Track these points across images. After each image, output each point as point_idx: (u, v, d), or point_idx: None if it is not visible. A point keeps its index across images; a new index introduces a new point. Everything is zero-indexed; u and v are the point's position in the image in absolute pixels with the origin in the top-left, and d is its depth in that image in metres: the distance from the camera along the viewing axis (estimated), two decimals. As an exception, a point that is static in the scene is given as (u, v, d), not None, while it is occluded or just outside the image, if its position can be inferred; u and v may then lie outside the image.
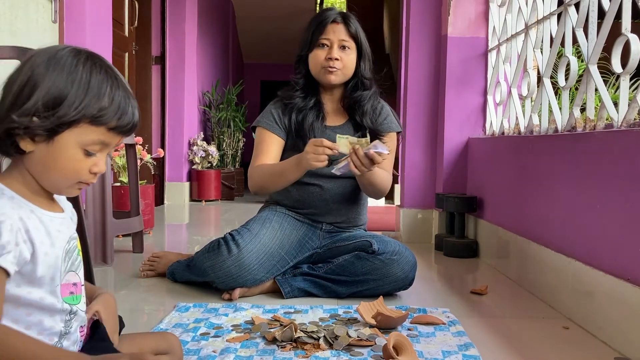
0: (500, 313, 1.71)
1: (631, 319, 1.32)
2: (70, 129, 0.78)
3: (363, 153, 1.62)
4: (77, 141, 0.79)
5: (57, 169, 0.80)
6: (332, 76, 1.86)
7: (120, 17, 3.78)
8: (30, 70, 0.79)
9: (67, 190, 0.84)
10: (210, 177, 4.97)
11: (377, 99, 1.95)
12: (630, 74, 1.54)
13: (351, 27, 1.87)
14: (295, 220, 1.90)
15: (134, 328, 1.49)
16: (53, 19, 2.52)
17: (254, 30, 7.80)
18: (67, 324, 0.85)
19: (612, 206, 1.45)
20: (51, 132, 0.78)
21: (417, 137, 2.96)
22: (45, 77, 0.78)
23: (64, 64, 0.79)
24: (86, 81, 0.79)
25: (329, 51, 1.85)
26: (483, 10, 2.78)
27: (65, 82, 0.78)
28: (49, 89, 0.77)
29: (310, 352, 1.27)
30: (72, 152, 0.79)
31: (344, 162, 1.66)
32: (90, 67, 0.81)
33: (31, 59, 0.80)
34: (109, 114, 0.80)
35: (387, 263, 1.75)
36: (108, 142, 0.82)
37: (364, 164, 1.63)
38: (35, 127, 0.77)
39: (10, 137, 0.78)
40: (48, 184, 0.83)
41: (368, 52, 1.91)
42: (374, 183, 1.81)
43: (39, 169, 0.81)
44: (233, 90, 5.67)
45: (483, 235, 2.50)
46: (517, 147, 2.16)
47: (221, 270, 1.71)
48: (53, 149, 0.79)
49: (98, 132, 0.80)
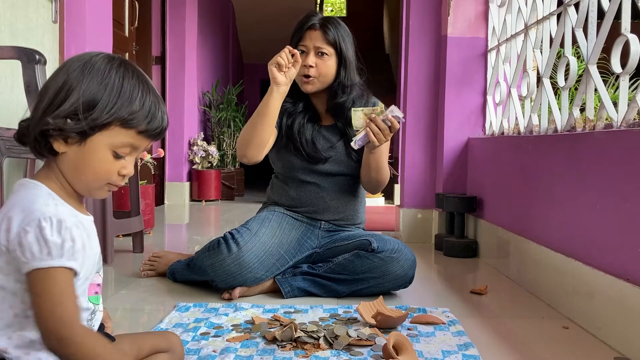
0: (500, 313, 1.71)
1: (631, 319, 1.32)
2: (101, 131, 0.83)
3: (381, 120, 1.65)
4: (107, 143, 0.83)
5: (88, 170, 0.84)
6: (309, 86, 1.87)
7: (121, 17, 3.78)
8: (65, 75, 0.83)
9: (96, 191, 0.88)
10: (211, 177, 4.97)
11: (366, 98, 1.93)
12: (630, 74, 1.54)
13: (329, 34, 1.84)
14: (294, 220, 1.91)
15: (134, 328, 1.49)
16: (53, 19, 2.52)
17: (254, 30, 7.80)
18: (88, 323, 0.88)
19: (612, 206, 1.45)
20: (84, 134, 0.82)
21: (417, 137, 2.96)
22: (80, 81, 0.82)
23: (97, 69, 0.83)
24: (119, 86, 0.83)
25: (305, 58, 1.84)
26: (483, 10, 2.78)
27: (98, 86, 0.82)
28: (83, 93, 0.81)
29: (310, 352, 1.28)
30: (102, 153, 0.84)
31: (362, 133, 1.68)
32: (123, 72, 0.84)
33: (66, 64, 0.84)
34: (139, 118, 0.84)
35: (386, 261, 1.75)
36: (137, 145, 0.87)
37: (382, 132, 1.66)
38: (68, 129, 0.81)
39: (45, 139, 0.82)
40: (79, 185, 0.86)
41: (350, 57, 1.89)
42: (381, 165, 1.82)
43: (71, 170, 0.85)
44: (233, 90, 5.67)
45: (483, 235, 2.50)
46: (517, 147, 2.17)
47: (221, 268, 1.71)
48: (85, 150, 0.83)
49: (128, 135, 0.84)
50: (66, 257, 0.80)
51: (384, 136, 1.69)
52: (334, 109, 1.91)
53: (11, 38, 2.20)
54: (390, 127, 1.69)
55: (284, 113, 1.90)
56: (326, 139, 1.92)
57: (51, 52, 2.50)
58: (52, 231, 0.79)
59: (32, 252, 0.78)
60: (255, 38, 8.05)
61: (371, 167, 1.83)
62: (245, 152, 1.80)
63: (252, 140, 1.79)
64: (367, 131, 1.68)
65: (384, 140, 1.70)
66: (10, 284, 0.81)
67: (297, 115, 1.90)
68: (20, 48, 1.88)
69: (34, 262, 0.78)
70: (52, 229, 0.79)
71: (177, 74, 4.85)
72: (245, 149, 1.80)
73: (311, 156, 1.87)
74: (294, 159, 1.89)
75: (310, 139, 1.89)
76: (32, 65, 1.82)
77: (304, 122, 1.90)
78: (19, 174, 2.18)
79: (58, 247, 0.79)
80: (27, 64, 1.83)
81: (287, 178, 1.95)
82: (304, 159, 1.88)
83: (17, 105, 2.23)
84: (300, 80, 1.87)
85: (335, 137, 1.92)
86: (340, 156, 1.91)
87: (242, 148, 1.81)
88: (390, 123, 1.68)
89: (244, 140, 1.80)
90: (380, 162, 1.83)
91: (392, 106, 1.69)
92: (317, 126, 1.93)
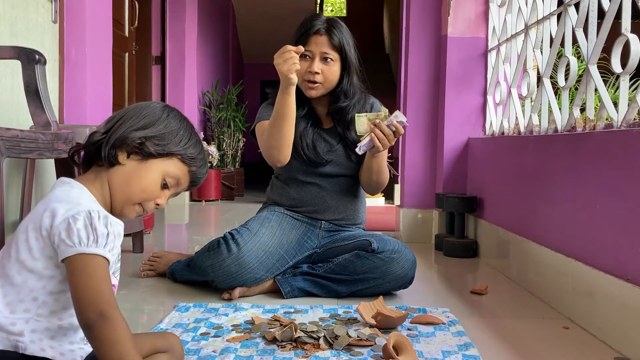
0: (500, 313, 1.71)
1: (631, 319, 1.32)
2: (164, 158, 0.99)
3: (386, 125, 1.66)
4: (163, 169, 0.99)
5: (137, 185, 0.97)
6: (313, 92, 1.85)
7: (121, 17, 3.78)
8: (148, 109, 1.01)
9: (130, 208, 0.98)
10: (210, 177, 4.97)
11: (364, 102, 1.92)
12: (630, 74, 1.54)
13: (334, 38, 1.83)
14: (294, 220, 1.90)
15: (134, 328, 1.49)
16: (53, 19, 2.52)
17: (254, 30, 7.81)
18: None
19: (612, 206, 1.45)
20: (150, 155, 0.97)
21: (417, 137, 2.96)
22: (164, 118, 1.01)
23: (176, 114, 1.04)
24: (189, 133, 1.03)
25: (310, 64, 1.82)
26: (483, 10, 2.78)
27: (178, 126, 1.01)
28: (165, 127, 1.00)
29: (310, 352, 1.28)
30: (155, 175, 0.98)
31: (367, 138, 1.69)
32: (191, 127, 1.05)
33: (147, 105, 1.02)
34: (196, 161, 1.03)
35: (386, 261, 1.75)
36: (181, 183, 1.02)
37: (387, 137, 1.67)
38: (143, 146, 0.97)
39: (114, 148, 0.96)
40: (121, 197, 0.97)
41: (353, 62, 1.88)
42: (381, 168, 1.83)
43: (122, 182, 0.96)
44: (233, 90, 5.67)
45: (483, 235, 2.50)
46: (517, 147, 2.17)
47: (221, 269, 1.71)
48: (142, 168, 0.97)
49: (181, 170, 1.01)
50: (108, 248, 0.87)
51: (388, 141, 1.70)
52: (335, 113, 1.91)
53: (11, 38, 2.20)
54: (395, 132, 1.70)
55: None
56: (326, 142, 1.92)
57: (51, 52, 2.50)
58: (100, 222, 0.87)
59: (79, 238, 0.84)
60: (255, 38, 8.06)
61: (373, 170, 1.84)
62: (279, 157, 1.78)
63: (283, 143, 1.76)
64: (371, 136, 1.68)
65: (388, 145, 1.71)
66: (38, 268, 0.87)
67: (300, 120, 1.88)
68: (20, 48, 1.88)
69: (80, 247, 0.84)
70: (100, 220, 0.87)
71: (177, 74, 4.85)
72: (278, 154, 1.78)
73: (312, 160, 1.88)
74: (295, 162, 1.88)
75: (311, 143, 1.89)
76: (32, 65, 1.82)
77: (306, 126, 1.90)
78: (19, 174, 2.18)
79: (104, 237, 0.86)
80: (27, 64, 1.83)
81: (287, 178, 1.95)
82: (305, 162, 1.88)
83: (17, 106, 2.23)
84: (305, 85, 1.85)
85: (335, 139, 1.92)
86: (340, 158, 1.91)
87: (275, 155, 1.78)
88: (395, 128, 1.69)
89: (275, 147, 1.77)
90: (382, 165, 1.84)
91: (396, 111, 1.70)
92: (318, 129, 1.93)
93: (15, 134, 1.53)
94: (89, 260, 0.85)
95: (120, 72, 3.79)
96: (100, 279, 0.85)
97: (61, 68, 2.59)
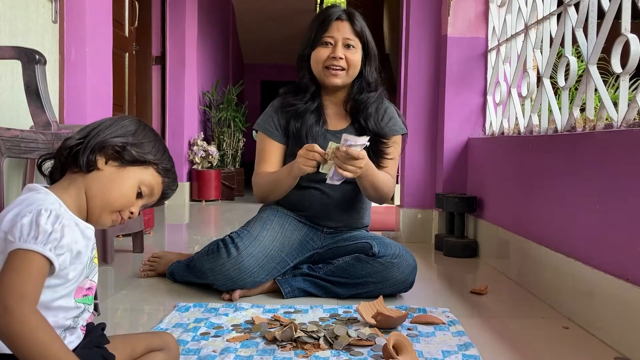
0: (500, 313, 1.71)
1: (631, 319, 1.32)
2: (141, 166, 0.99)
3: (342, 153, 1.59)
4: (139, 177, 0.99)
5: (115, 190, 0.96)
6: (337, 79, 1.81)
7: (121, 17, 3.78)
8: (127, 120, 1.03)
9: (107, 216, 0.97)
10: (211, 177, 4.97)
11: (382, 101, 1.91)
12: (630, 74, 1.54)
13: (357, 25, 1.81)
14: (297, 221, 1.88)
15: (134, 328, 1.49)
16: (53, 19, 2.52)
17: (254, 30, 7.80)
18: (74, 320, 0.91)
19: (612, 206, 1.45)
20: (128, 161, 0.97)
21: (417, 137, 2.96)
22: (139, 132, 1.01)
23: (150, 129, 1.05)
24: (163, 147, 1.05)
25: (333, 50, 1.79)
26: (483, 10, 2.78)
27: (154, 140, 1.03)
28: (143, 137, 1.01)
29: (310, 352, 1.28)
30: (132, 182, 0.98)
31: (331, 169, 1.65)
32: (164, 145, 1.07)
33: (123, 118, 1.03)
34: (170, 173, 1.04)
35: (387, 266, 1.73)
36: (154, 193, 1.02)
37: (347, 164, 1.61)
38: (124, 151, 0.97)
39: (94, 153, 0.95)
40: (98, 203, 0.95)
41: (374, 52, 1.86)
42: (376, 185, 1.77)
43: (99, 187, 0.95)
44: (233, 90, 5.67)
45: (483, 235, 2.50)
46: (517, 147, 2.17)
47: (220, 273, 1.70)
48: (120, 174, 0.97)
49: (156, 180, 1.01)
50: (49, 247, 0.83)
51: (352, 166, 1.61)
52: (355, 104, 1.86)
53: (11, 38, 2.20)
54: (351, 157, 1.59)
55: (292, 115, 1.86)
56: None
57: (51, 52, 2.50)
58: (47, 220, 0.84)
59: (21, 233, 0.82)
60: (255, 38, 8.05)
61: (366, 187, 1.78)
62: (262, 200, 1.94)
63: (270, 197, 1.89)
64: (335, 167, 1.63)
65: (355, 170, 1.62)
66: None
67: (308, 116, 1.84)
68: (20, 48, 1.88)
69: (19, 242, 0.82)
70: (48, 218, 0.85)
71: (177, 74, 4.85)
72: (262, 200, 1.93)
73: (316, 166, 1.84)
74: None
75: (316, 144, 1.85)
76: (32, 65, 1.82)
77: (311, 125, 1.84)
78: (19, 174, 2.18)
79: (45, 235, 0.83)
80: (27, 64, 1.83)
81: None
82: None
83: (17, 105, 2.23)
84: (326, 73, 1.80)
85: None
86: None
87: (258, 198, 1.92)
88: (349, 154, 1.59)
89: (262, 197, 1.91)
90: (375, 182, 1.75)
91: (343, 135, 1.60)
92: (325, 131, 1.87)
93: (15, 134, 1.53)
94: (21, 255, 0.82)
95: (120, 72, 3.79)
96: (24, 273, 0.81)
97: (61, 68, 2.59)
